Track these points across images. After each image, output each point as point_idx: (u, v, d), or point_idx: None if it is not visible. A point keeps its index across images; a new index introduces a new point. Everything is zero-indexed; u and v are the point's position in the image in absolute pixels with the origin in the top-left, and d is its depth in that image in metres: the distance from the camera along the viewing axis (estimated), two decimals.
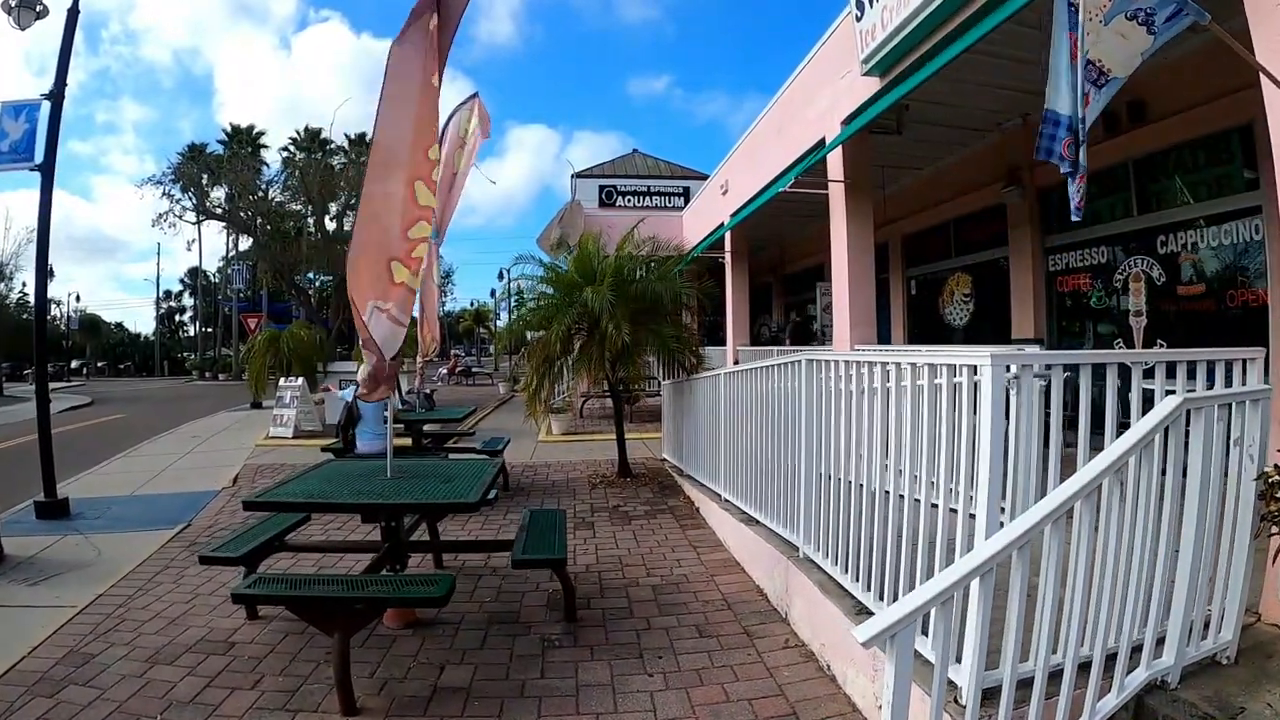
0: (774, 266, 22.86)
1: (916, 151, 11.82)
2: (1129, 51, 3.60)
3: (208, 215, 42.94)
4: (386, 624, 5.18)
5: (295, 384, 15.41)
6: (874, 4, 7.83)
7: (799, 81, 11.11)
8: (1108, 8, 3.46)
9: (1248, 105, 5.92)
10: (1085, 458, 2.88)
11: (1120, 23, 3.52)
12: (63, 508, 8.62)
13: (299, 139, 48.77)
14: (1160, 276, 8.53)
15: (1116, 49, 3.57)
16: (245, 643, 4.99)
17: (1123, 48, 3.57)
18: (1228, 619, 3.41)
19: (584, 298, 9.22)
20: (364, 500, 4.95)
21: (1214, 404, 3.19)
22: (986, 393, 3.07)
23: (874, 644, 2.25)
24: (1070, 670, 2.80)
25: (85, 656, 4.79)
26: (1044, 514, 2.58)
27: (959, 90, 8.88)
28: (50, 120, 8.68)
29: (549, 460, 11.86)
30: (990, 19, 5.80)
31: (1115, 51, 3.58)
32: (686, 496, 9.07)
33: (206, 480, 10.69)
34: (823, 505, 4.88)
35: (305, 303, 41.72)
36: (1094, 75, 3.59)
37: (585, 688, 4.32)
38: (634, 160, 26.35)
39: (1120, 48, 3.57)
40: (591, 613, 5.50)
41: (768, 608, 5.52)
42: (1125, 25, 3.53)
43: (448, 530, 7.58)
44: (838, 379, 4.68)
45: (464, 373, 36.12)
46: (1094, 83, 3.61)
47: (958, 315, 13.10)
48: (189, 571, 6.49)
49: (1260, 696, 3.05)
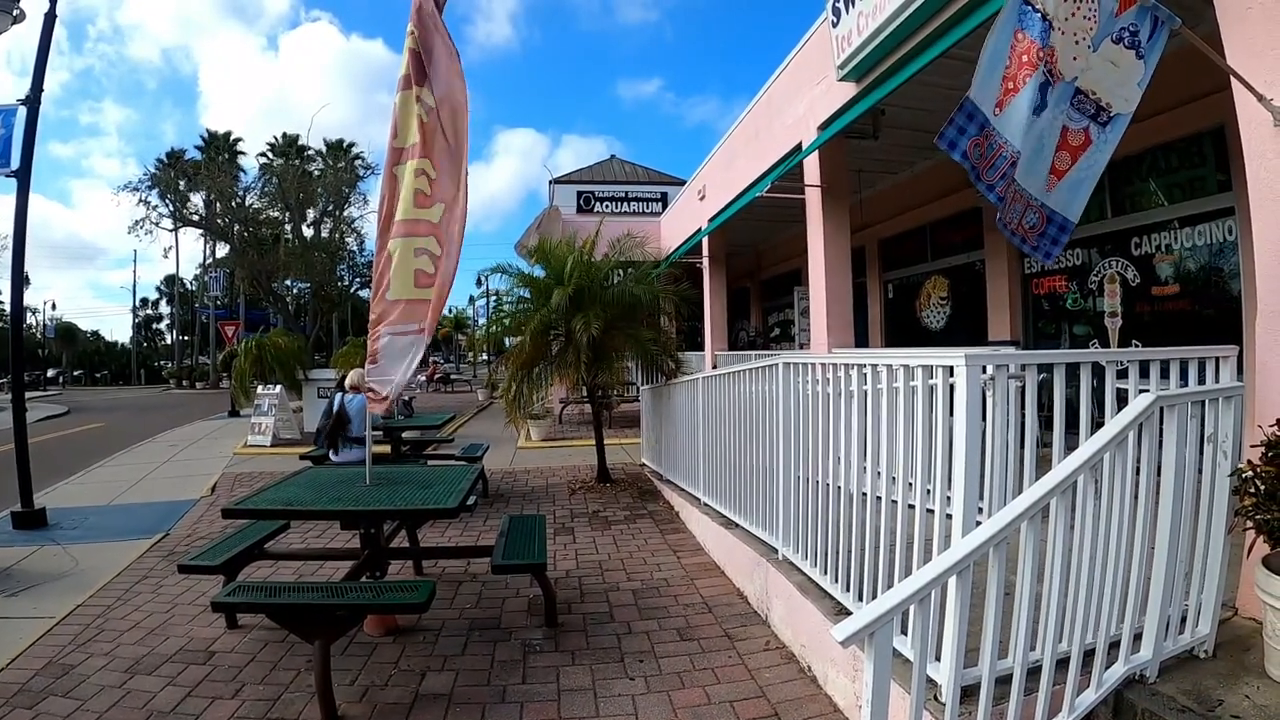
0: (752, 271, 22.92)
1: (892, 156, 11.91)
2: (1124, 81, 3.58)
3: (185, 222, 42.62)
4: (367, 631, 5.16)
5: (274, 392, 15.33)
6: (849, 10, 7.88)
7: (775, 87, 11.17)
8: (1094, 31, 3.42)
9: (1219, 108, 6.00)
10: (1060, 456, 2.91)
11: (1108, 48, 3.48)
12: (40, 518, 8.55)
13: (276, 145, 48.56)
14: (1135, 278, 8.62)
15: (1108, 78, 3.55)
16: (225, 652, 4.96)
17: (1115, 76, 3.55)
18: (1205, 613, 3.45)
19: (553, 299, 9.22)
20: (343, 507, 4.92)
21: (1186, 401, 3.22)
22: (961, 393, 3.10)
23: (852, 643, 2.26)
24: (1049, 666, 2.83)
25: (65, 667, 4.75)
26: (1019, 511, 2.61)
27: (934, 95, 8.93)
28: (26, 126, 8.62)
29: (528, 466, 11.85)
30: (965, 24, 5.86)
31: (1108, 80, 3.55)
32: (666, 501, 9.08)
33: (184, 489, 10.62)
34: (801, 508, 4.89)
35: (283, 310, 41.44)
36: (1091, 109, 3.59)
37: (567, 692, 4.32)
38: (612, 166, 26.38)
39: (1112, 76, 3.55)
40: (572, 618, 5.50)
41: (748, 610, 5.53)
42: (1113, 50, 3.50)
43: (427, 537, 7.57)
44: (815, 382, 4.71)
45: (443, 379, 36.09)
46: (1093, 118, 3.62)
47: (935, 318, 13.18)
48: (168, 581, 6.45)
49: (1238, 689, 3.09)
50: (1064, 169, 3.68)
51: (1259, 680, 3.13)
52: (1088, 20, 3.38)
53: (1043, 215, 3.70)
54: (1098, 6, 3.38)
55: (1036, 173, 3.59)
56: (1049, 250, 3.78)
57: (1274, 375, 3.55)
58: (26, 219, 8.85)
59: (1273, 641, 3.09)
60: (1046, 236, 3.75)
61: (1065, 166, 3.67)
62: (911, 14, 6.82)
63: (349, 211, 42.31)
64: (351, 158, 46.10)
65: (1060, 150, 3.62)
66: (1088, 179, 3.74)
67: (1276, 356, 3.56)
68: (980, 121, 3.28)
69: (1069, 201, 3.75)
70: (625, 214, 22.76)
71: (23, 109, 8.62)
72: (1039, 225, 3.72)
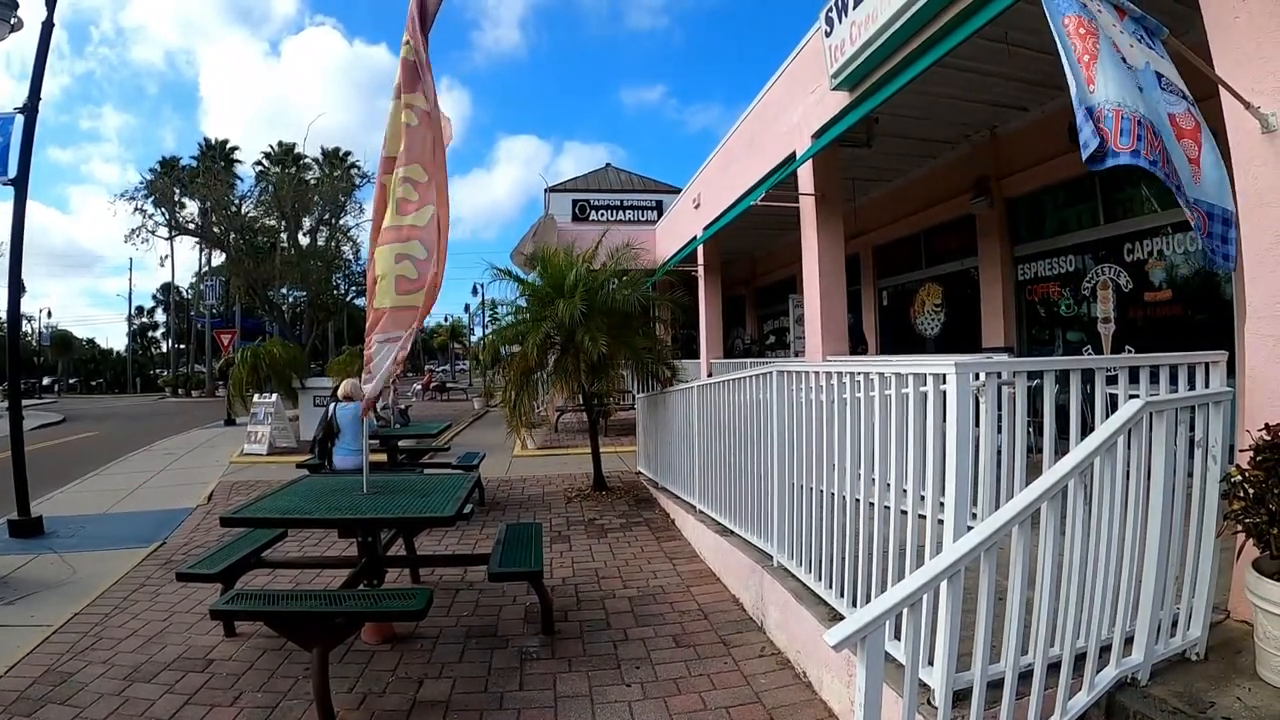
0: (747, 279, 22.97)
1: (886, 164, 11.97)
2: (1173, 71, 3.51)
3: (181, 230, 42.53)
4: (365, 639, 5.17)
5: (269, 400, 15.34)
6: (843, 20, 7.93)
7: (770, 96, 11.23)
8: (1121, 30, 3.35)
9: (1209, 115, 6.04)
10: (1051, 461, 2.94)
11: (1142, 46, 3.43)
12: (36, 526, 8.55)
13: (273, 153, 48.51)
14: (1128, 284, 8.67)
15: (1165, 67, 3.47)
16: (223, 659, 4.97)
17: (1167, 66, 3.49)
18: (1196, 616, 3.48)
19: (556, 310, 9.23)
20: (340, 515, 4.92)
21: (1175, 407, 3.26)
22: (952, 400, 3.12)
23: (844, 647, 2.28)
24: (1040, 670, 2.85)
25: (63, 675, 4.76)
26: (1010, 516, 2.63)
27: (927, 103, 9.01)
28: (24, 134, 8.64)
29: (525, 474, 11.86)
30: (957, 33, 5.91)
31: (1167, 68, 3.47)
32: (662, 509, 9.10)
33: (181, 498, 10.61)
34: (796, 514, 4.91)
35: (279, 319, 41.33)
36: (1180, 92, 3.47)
37: (564, 699, 4.34)
38: (607, 174, 26.41)
39: (1166, 66, 3.49)
40: (569, 625, 5.52)
41: (744, 616, 5.55)
42: (1143, 48, 3.43)
43: (424, 545, 7.57)
44: (809, 389, 4.73)
45: (439, 388, 36.10)
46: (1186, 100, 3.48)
47: (929, 325, 13.23)
48: (165, 589, 6.45)
49: (1229, 691, 3.11)
50: (1195, 156, 3.43)
51: (1250, 682, 3.15)
52: (1110, 17, 3.33)
53: (1201, 215, 3.39)
54: (1111, 14, 3.37)
55: (1181, 167, 3.29)
56: (1225, 252, 3.48)
57: (1263, 380, 3.58)
58: (24, 227, 8.87)
59: (1263, 644, 3.12)
60: (1214, 237, 3.46)
61: (1195, 154, 3.43)
62: (904, 24, 6.87)
63: (345, 220, 42.21)
64: (348, 166, 46.06)
65: (1182, 139, 3.38)
66: (1220, 162, 3.52)
67: (1265, 361, 3.59)
68: (1086, 107, 3.02)
69: (1219, 190, 3.49)
70: (620, 222, 22.75)
71: (20, 117, 8.63)
72: (1203, 227, 3.41)
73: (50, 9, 8.71)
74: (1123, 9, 3.42)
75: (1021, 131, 10.01)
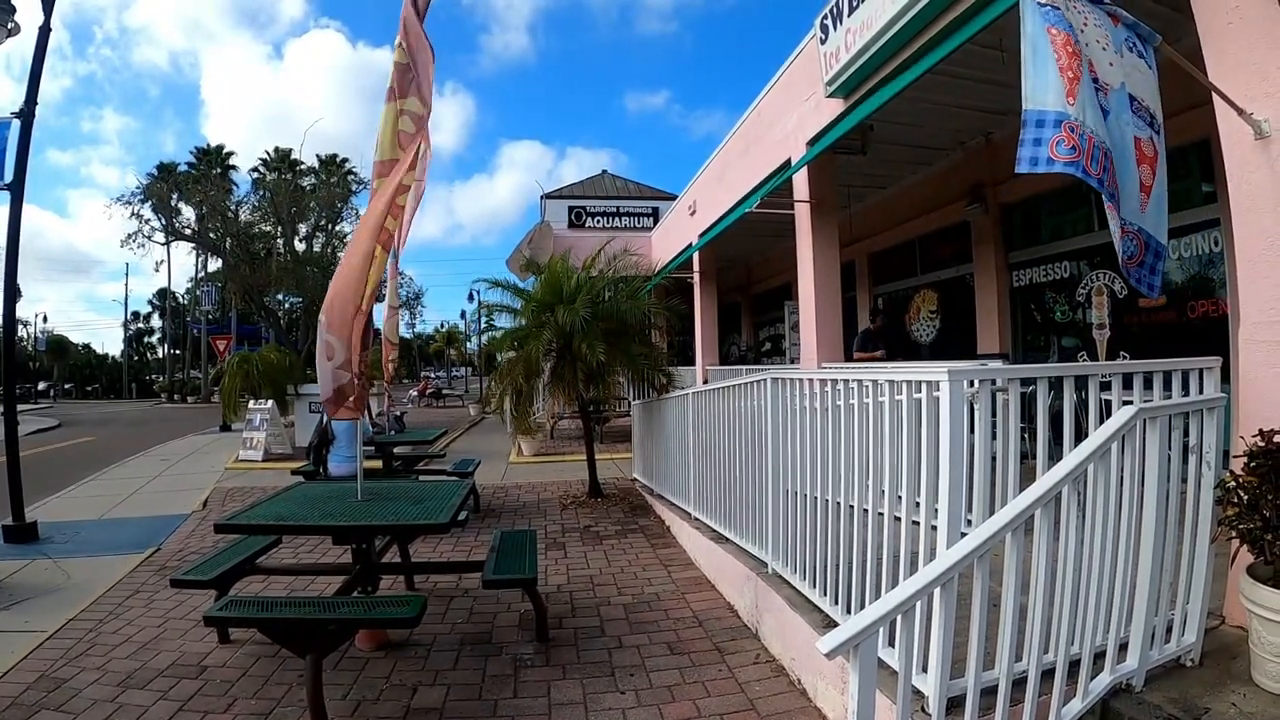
0: (742, 286, 22.99)
1: (881, 171, 12.01)
2: (1151, 90, 3.48)
3: (177, 236, 42.45)
4: (359, 646, 5.15)
5: (265, 407, 15.30)
6: (838, 27, 7.96)
7: (765, 103, 11.25)
8: (1109, 41, 3.35)
9: (1202, 122, 6.06)
10: (1044, 468, 2.94)
11: (1127, 56, 3.42)
12: (31, 531, 8.53)
13: (269, 159, 48.51)
14: (1122, 290, 8.68)
15: (1143, 84, 3.44)
16: (218, 666, 4.95)
17: (1146, 84, 3.47)
18: (1190, 622, 3.48)
19: (555, 318, 9.23)
20: (335, 522, 4.90)
21: (1169, 413, 3.27)
22: (945, 408, 3.13)
23: (838, 654, 2.28)
24: (1034, 676, 2.85)
25: (57, 681, 4.74)
26: (1003, 523, 2.63)
27: (922, 110, 9.03)
28: (20, 139, 8.63)
29: (520, 481, 11.84)
30: (952, 40, 5.91)
31: (1144, 87, 3.44)
32: (657, 516, 9.09)
33: (176, 504, 10.58)
34: (790, 522, 4.92)
35: (275, 324, 41.32)
36: (1147, 118, 3.44)
37: (558, 706, 4.33)
38: (603, 181, 26.47)
39: (1145, 84, 3.46)
40: (563, 632, 5.51)
41: (738, 624, 5.54)
42: (1131, 58, 3.43)
43: (419, 552, 7.57)
44: (803, 397, 4.74)
45: (434, 395, 36.10)
46: (1151, 127, 3.45)
47: (924, 332, 13.24)
48: (160, 595, 6.44)
49: (1224, 697, 3.12)
50: (1149, 184, 3.41)
51: (1245, 688, 3.16)
52: (1099, 27, 3.34)
53: (1140, 242, 3.37)
54: (1101, 22, 3.37)
55: (1129, 191, 3.29)
56: (1151, 282, 3.42)
57: (1256, 386, 3.60)
58: (20, 232, 8.84)
59: (1258, 649, 3.13)
60: (1145, 266, 3.41)
61: (1150, 181, 3.41)
62: (898, 31, 6.90)
63: (341, 226, 42.23)
64: (344, 173, 46.06)
65: (1141, 164, 3.36)
66: (1164, 195, 3.51)
67: (1259, 367, 3.60)
68: (1055, 118, 3.00)
69: (1158, 222, 3.47)
70: (616, 229, 22.78)
71: (16, 122, 8.63)
72: (1138, 254, 3.36)
73: (47, 13, 8.69)
74: (1116, 16, 3.43)
75: (1016, 138, 9.98)
